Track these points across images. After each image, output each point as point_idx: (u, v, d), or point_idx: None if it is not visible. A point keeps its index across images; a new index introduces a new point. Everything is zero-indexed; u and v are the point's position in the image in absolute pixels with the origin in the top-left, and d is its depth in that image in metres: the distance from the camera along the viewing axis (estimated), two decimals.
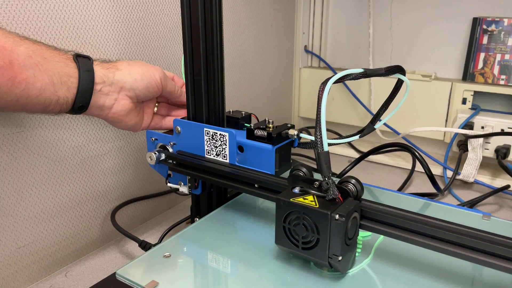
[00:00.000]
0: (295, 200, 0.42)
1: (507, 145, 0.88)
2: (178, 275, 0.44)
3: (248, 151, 0.55)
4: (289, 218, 0.42)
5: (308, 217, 0.41)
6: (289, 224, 0.42)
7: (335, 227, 0.39)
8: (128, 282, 0.43)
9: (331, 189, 0.41)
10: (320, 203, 0.41)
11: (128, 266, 0.45)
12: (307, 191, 0.43)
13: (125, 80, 0.53)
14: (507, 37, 0.91)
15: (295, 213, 0.42)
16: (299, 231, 0.42)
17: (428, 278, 0.43)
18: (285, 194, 0.43)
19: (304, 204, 0.41)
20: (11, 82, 0.42)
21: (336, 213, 0.39)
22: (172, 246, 0.49)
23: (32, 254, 0.59)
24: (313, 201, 0.41)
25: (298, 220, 0.41)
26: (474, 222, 0.54)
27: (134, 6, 0.66)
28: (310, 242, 0.41)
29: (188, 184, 0.58)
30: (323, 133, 0.40)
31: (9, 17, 0.51)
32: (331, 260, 0.41)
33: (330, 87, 0.40)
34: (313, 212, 0.40)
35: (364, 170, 0.98)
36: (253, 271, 0.44)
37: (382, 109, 0.52)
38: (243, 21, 0.93)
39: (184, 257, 0.47)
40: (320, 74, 1.16)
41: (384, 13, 1.07)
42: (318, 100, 0.40)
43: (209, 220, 0.55)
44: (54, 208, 0.61)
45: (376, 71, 0.44)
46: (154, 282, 0.42)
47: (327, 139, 0.42)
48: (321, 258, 0.41)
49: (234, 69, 0.93)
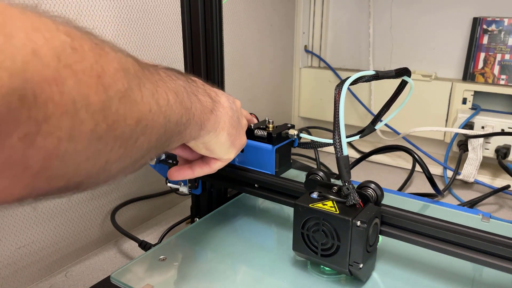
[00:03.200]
0: (314, 206, 0.40)
1: (507, 145, 0.88)
2: (173, 278, 0.44)
3: (248, 151, 0.55)
4: (307, 224, 0.41)
5: (328, 224, 0.39)
6: (308, 230, 0.41)
7: (356, 234, 0.38)
8: (122, 285, 0.42)
9: (352, 195, 0.40)
10: (340, 209, 0.40)
11: (123, 270, 0.44)
12: (326, 196, 0.42)
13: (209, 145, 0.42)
14: (507, 37, 0.90)
15: (314, 219, 0.40)
16: (319, 237, 0.40)
17: (428, 278, 0.43)
18: (303, 200, 0.42)
19: (324, 210, 0.40)
20: None
21: (357, 220, 0.38)
22: (169, 248, 0.48)
23: (32, 254, 0.59)
24: (333, 206, 0.40)
25: (317, 226, 0.40)
26: (473, 224, 0.53)
27: (134, 6, 0.66)
28: (330, 249, 0.40)
29: (188, 184, 0.58)
30: (342, 137, 0.39)
31: None
32: (351, 268, 0.39)
33: (346, 89, 0.39)
34: (334, 218, 0.39)
35: (364, 170, 0.97)
36: (253, 272, 0.44)
37: (383, 110, 0.52)
38: (243, 21, 0.93)
39: (180, 259, 0.47)
40: (320, 74, 1.16)
41: (384, 13, 1.07)
42: (335, 102, 0.38)
43: (209, 220, 0.55)
44: (54, 208, 0.61)
45: (387, 73, 0.44)
46: (149, 285, 0.41)
47: (327, 138, 0.42)
48: (341, 265, 0.40)
49: (234, 69, 0.93)
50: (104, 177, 0.27)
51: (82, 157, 0.23)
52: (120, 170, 0.28)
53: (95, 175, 0.26)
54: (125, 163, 0.28)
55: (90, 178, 0.25)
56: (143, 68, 0.29)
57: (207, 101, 0.38)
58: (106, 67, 0.24)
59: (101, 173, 0.26)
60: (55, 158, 0.22)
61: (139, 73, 0.27)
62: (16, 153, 0.20)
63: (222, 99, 0.41)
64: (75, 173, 0.24)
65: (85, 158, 0.23)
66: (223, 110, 0.40)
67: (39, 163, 0.21)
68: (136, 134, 0.27)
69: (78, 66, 0.21)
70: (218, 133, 0.40)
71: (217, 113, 0.39)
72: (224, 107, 0.41)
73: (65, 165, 0.23)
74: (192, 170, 0.45)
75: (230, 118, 0.41)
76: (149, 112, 0.28)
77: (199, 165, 0.45)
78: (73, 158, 0.23)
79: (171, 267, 0.45)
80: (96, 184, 0.27)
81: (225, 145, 0.41)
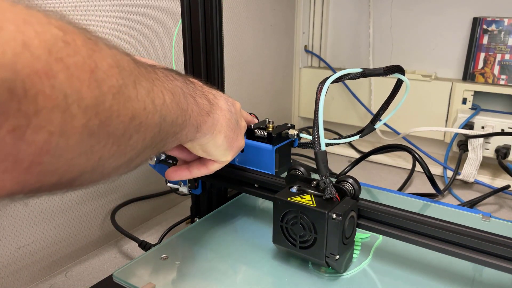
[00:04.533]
0: (293, 200, 0.42)
1: (507, 145, 0.88)
2: (175, 277, 0.44)
3: (248, 151, 0.55)
4: (286, 217, 0.42)
5: (306, 216, 0.41)
6: (287, 223, 0.43)
7: (332, 226, 0.40)
8: (125, 284, 0.42)
9: (328, 189, 0.41)
10: (317, 202, 0.41)
11: (125, 268, 0.44)
12: (305, 190, 0.43)
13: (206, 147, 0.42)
14: (507, 37, 0.90)
15: (293, 212, 0.42)
16: (297, 230, 0.42)
17: (428, 278, 0.43)
18: (282, 194, 0.43)
19: (302, 203, 0.41)
20: None
21: (333, 212, 0.39)
22: (170, 247, 0.49)
23: (32, 254, 0.59)
24: (310, 200, 0.41)
25: (295, 219, 0.42)
26: (473, 223, 0.53)
27: (134, 6, 0.66)
28: (308, 241, 0.42)
29: (188, 184, 0.58)
30: (320, 132, 0.40)
31: None
32: (328, 259, 0.41)
33: (328, 86, 0.40)
34: (310, 211, 0.40)
35: (364, 170, 0.97)
36: (253, 271, 0.44)
37: (382, 109, 0.52)
38: (243, 21, 0.93)
39: (182, 258, 0.47)
40: (320, 74, 1.16)
41: (384, 13, 1.07)
42: (316, 99, 0.40)
43: (209, 220, 0.55)
44: (54, 208, 0.61)
45: (374, 70, 0.44)
46: (151, 284, 0.42)
47: (327, 139, 0.42)
48: (318, 257, 0.41)
49: (234, 69, 0.93)
50: (98, 175, 0.27)
51: (74, 153, 0.23)
52: (114, 168, 0.28)
53: (89, 172, 0.25)
54: (120, 161, 0.27)
55: (83, 175, 0.25)
56: (139, 66, 0.28)
57: (204, 103, 0.38)
58: (100, 63, 0.23)
59: (95, 170, 0.26)
60: (46, 153, 0.21)
61: (134, 70, 0.27)
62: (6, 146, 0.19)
63: (221, 102, 0.41)
64: (67, 169, 0.23)
65: (77, 154, 0.23)
66: (221, 113, 0.40)
67: (30, 158, 0.21)
68: (130, 132, 0.27)
69: (70, 60, 0.21)
70: (215, 135, 0.40)
71: (214, 116, 0.39)
72: (222, 109, 0.41)
73: (57, 160, 0.22)
74: (189, 171, 0.45)
75: (228, 120, 0.41)
76: (144, 110, 0.27)
77: (197, 166, 0.45)
78: (65, 154, 0.22)
79: (173, 266, 0.45)
80: (90, 181, 0.27)
81: (222, 147, 0.42)
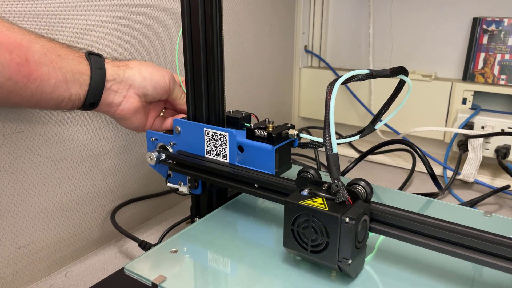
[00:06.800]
0: (304, 203, 0.41)
1: (507, 145, 0.88)
2: (185, 269, 0.44)
3: (248, 151, 0.55)
4: (298, 221, 0.41)
5: (318, 220, 0.40)
6: (298, 227, 0.42)
7: (345, 230, 0.39)
8: (136, 276, 0.43)
9: (341, 192, 0.40)
10: (329, 205, 0.40)
11: (136, 261, 0.45)
12: (316, 193, 0.42)
13: (134, 78, 0.54)
14: (507, 37, 0.90)
15: (304, 216, 0.41)
16: (308, 234, 0.41)
17: (428, 278, 0.43)
18: (293, 197, 0.42)
19: (313, 207, 0.40)
20: (27, 78, 0.43)
21: (346, 216, 0.38)
22: (176, 244, 0.49)
23: (32, 254, 0.59)
24: (322, 203, 0.41)
25: (307, 223, 0.41)
26: (476, 219, 0.54)
27: (134, 6, 0.66)
28: (320, 246, 0.41)
29: (188, 184, 0.58)
30: (332, 135, 0.39)
31: (9, 17, 0.51)
32: (340, 264, 0.40)
33: (338, 88, 0.39)
34: (323, 215, 0.39)
35: (364, 170, 0.97)
36: (253, 271, 0.44)
37: (383, 110, 0.52)
38: (243, 21, 0.93)
39: (189, 254, 0.47)
40: (320, 74, 1.16)
41: (384, 13, 1.07)
42: (326, 101, 0.39)
43: (209, 220, 0.55)
44: (54, 208, 0.61)
45: (381, 72, 0.43)
46: (162, 276, 0.42)
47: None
48: (330, 261, 0.40)
49: (234, 69, 0.93)
50: None
51: None
52: None
53: None
54: None
55: None
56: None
57: None
58: None
59: None
60: None
61: None
62: None
63: None
64: None
65: None
66: None
67: None
68: None
69: None
70: None
71: None
72: None
73: None
74: None
75: None
76: None
77: None
78: None
79: (183, 259, 0.46)
80: None
81: None
